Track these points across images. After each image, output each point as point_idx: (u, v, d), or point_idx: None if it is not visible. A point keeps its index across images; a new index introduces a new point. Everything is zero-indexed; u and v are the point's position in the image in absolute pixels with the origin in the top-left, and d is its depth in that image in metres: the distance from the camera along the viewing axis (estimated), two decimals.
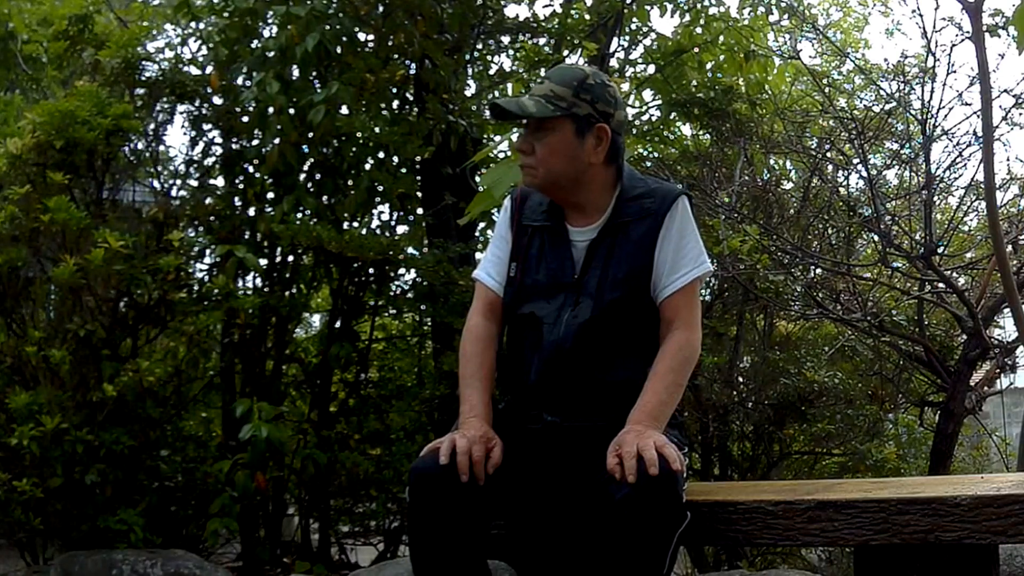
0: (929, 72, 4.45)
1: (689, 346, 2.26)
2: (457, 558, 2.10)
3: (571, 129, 2.27)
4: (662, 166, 5.25)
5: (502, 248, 2.43)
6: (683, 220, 2.32)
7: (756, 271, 4.38)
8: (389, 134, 4.20)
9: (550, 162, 2.27)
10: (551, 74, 2.37)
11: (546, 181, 2.30)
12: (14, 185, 3.74)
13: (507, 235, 2.44)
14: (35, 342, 3.58)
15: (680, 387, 2.25)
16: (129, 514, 3.52)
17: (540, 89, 2.30)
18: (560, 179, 2.30)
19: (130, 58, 4.17)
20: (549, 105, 2.25)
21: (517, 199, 2.46)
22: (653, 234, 2.29)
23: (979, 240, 5.12)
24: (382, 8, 4.37)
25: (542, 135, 2.28)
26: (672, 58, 5.74)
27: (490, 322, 2.40)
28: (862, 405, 5.01)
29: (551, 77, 2.33)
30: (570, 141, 2.27)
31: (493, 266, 2.44)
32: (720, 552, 4.56)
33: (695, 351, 2.29)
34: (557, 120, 2.26)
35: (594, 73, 2.35)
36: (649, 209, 2.30)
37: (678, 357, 2.24)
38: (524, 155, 2.31)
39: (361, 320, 4.55)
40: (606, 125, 2.28)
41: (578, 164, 2.28)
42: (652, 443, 2.01)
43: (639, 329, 2.28)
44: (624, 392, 2.21)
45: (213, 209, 4.16)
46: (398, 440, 4.37)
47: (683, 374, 2.25)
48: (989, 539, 1.89)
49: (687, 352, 2.26)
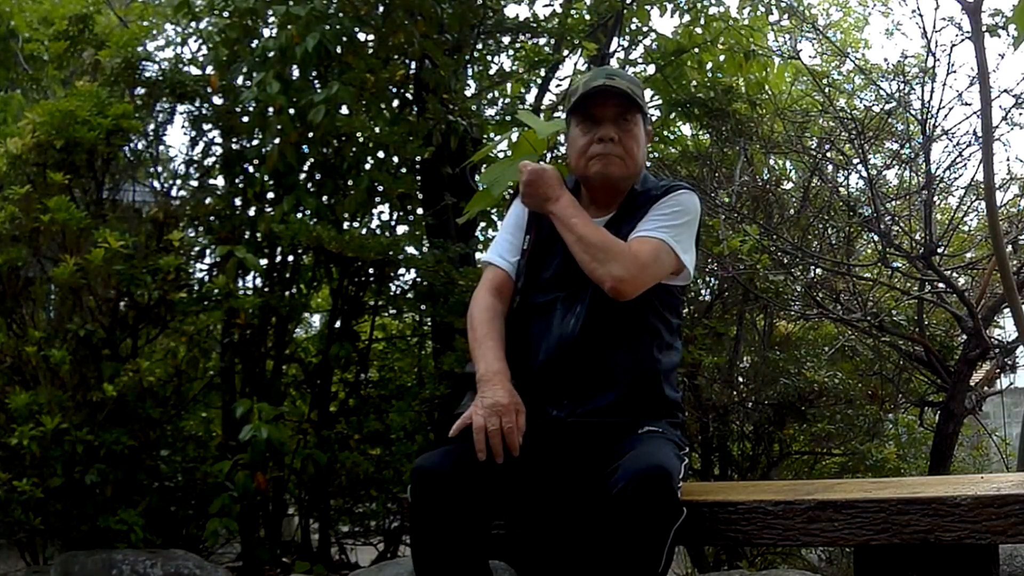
0: (929, 72, 4.45)
1: (620, 259, 2.25)
2: (459, 558, 2.11)
3: (643, 125, 2.42)
4: (662, 166, 5.24)
5: (515, 235, 2.49)
6: (676, 203, 2.38)
7: (756, 271, 4.38)
8: (389, 134, 4.20)
9: (637, 153, 2.40)
10: (617, 72, 2.51)
11: (630, 171, 2.40)
12: (14, 185, 3.75)
13: (521, 223, 2.49)
14: (35, 342, 3.58)
15: (590, 244, 2.26)
16: (129, 514, 3.52)
17: (619, 83, 2.36)
18: (638, 170, 2.42)
19: (130, 58, 4.18)
20: (637, 99, 2.37)
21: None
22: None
23: (979, 240, 5.12)
24: (382, 8, 4.37)
25: (628, 127, 2.38)
26: (672, 58, 5.74)
27: (497, 300, 2.44)
28: (862, 405, 5.01)
29: (620, 75, 2.44)
30: (644, 136, 2.43)
31: (505, 250, 2.49)
32: (720, 552, 4.56)
33: (621, 257, 2.26)
34: (639, 115, 2.39)
35: None
36: (654, 196, 2.39)
37: (608, 241, 2.27)
38: (610, 144, 2.36)
39: (361, 320, 4.55)
40: (651, 128, 2.51)
41: (644, 159, 2.45)
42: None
43: (645, 312, 2.33)
44: (628, 374, 2.27)
45: (213, 209, 4.17)
46: (398, 440, 4.37)
47: (603, 245, 2.26)
48: (989, 539, 1.89)
49: (613, 253, 2.25)
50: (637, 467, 1.99)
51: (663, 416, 2.33)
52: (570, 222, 2.31)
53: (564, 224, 2.32)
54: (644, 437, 2.21)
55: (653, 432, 2.25)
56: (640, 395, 2.29)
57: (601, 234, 2.30)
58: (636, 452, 2.08)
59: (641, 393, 2.29)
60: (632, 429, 2.24)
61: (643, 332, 2.33)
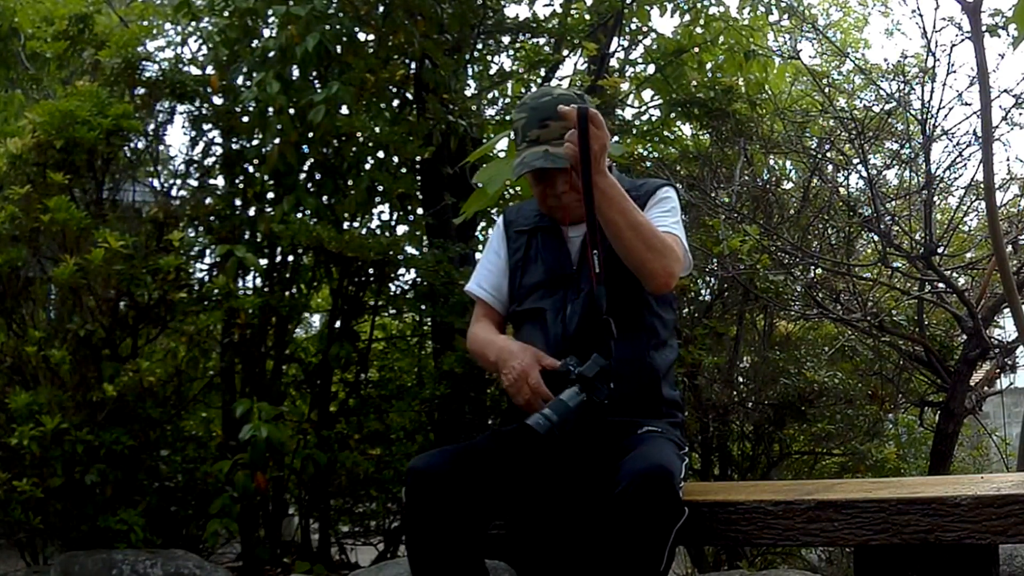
0: (929, 72, 4.44)
1: (672, 254, 2.27)
2: (453, 558, 2.11)
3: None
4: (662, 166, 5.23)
5: (494, 262, 2.53)
6: (666, 200, 2.42)
7: (756, 271, 4.38)
8: (389, 134, 4.20)
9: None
10: (546, 110, 2.35)
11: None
12: (14, 185, 3.74)
13: (500, 250, 2.53)
14: (35, 342, 3.58)
15: (646, 232, 2.22)
16: (129, 514, 3.52)
17: (550, 132, 2.32)
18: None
19: (130, 58, 4.17)
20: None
21: (508, 214, 2.60)
22: None
23: (979, 240, 5.12)
24: (382, 8, 4.37)
25: (570, 170, 2.30)
26: (672, 58, 5.74)
27: (490, 325, 2.49)
28: (862, 405, 5.01)
29: (550, 116, 2.32)
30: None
31: (484, 278, 2.54)
32: (720, 552, 4.56)
33: (675, 255, 2.28)
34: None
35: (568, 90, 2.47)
36: (636, 198, 2.36)
37: (662, 233, 2.27)
38: (565, 195, 2.37)
39: (361, 320, 4.55)
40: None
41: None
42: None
43: (639, 309, 2.35)
44: (628, 370, 2.27)
45: (213, 209, 4.17)
46: (398, 440, 4.38)
47: (659, 236, 2.25)
48: (989, 539, 1.89)
49: (669, 246, 2.27)
50: (638, 467, 2.00)
51: (663, 416, 2.33)
52: (624, 204, 2.18)
53: (615, 206, 2.17)
54: (644, 437, 2.22)
55: (653, 432, 2.25)
56: (639, 394, 2.30)
57: (653, 224, 2.27)
58: (637, 452, 2.09)
59: (640, 392, 2.30)
60: (632, 429, 2.25)
61: (640, 330, 2.34)
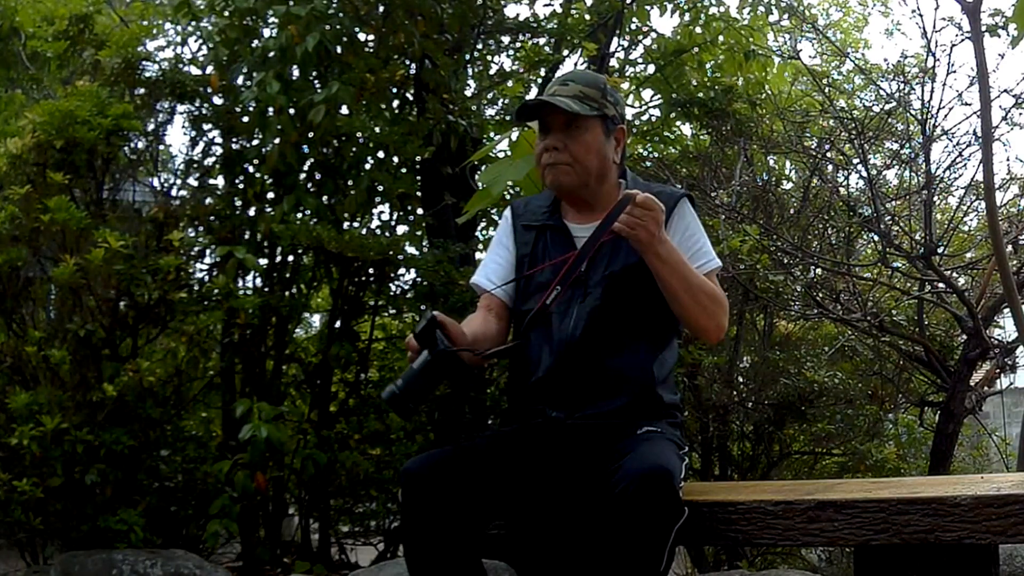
0: (929, 72, 4.45)
1: (723, 309, 2.31)
2: (449, 559, 2.11)
3: (601, 129, 2.36)
4: (662, 166, 5.24)
5: (502, 255, 2.49)
6: (691, 219, 2.40)
7: (756, 271, 4.39)
8: (389, 134, 4.20)
9: (586, 160, 2.35)
10: (575, 76, 2.45)
11: (581, 178, 2.36)
12: (14, 185, 3.75)
13: (507, 242, 2.49)
14: (35, 342, 3.59)
15: (701, 296, 2.25)
16: (129, 514, 3.52)
17: (568, 90, 2.35)
18: (591, 177, 2.37)
19: (130, 58, 4.17)
20: (586, 104, 2.33)
21: (516, 207, 2.53)
22: None
23: (979, 240, 5.12)
24: (382, 8, 4.38)
25: (576, 133, 2.34)
26: (672, 58, 5.74)
27: (489, 317, 2.43)
28: (862, 405, 5.01)
29: (576, 79, 2.40)
30: (601, 140, 2.37)
31: (493, 271, 2.48)
32: (720, 552, 4.56)
33: (724, 308, 2.32)
34: (591, 119, 2.34)
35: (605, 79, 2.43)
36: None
37: (716, 291, 2.31)
38: (556, 152, 2.34)
39: (361, 320, 4.55)
40: (624, 127, 2.42)
41: (606, 163, 2.38)
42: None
43: (647, 316, 2.33)
44: (633, 377, 2.26)
45: (213, 209, 4.17)
46: (398, 440, 4.37)
47: (711, 296, 2.28)
48: (989, 539, 1.89)
49: (720, 302, 2.30)
50: (638, 467, 1.99)
51: (662, 417, 2.33)
52: (682, 269, 2.24)
53: (673, 270, 2.23)
54: (644, 437, 2.22)
55: (652, 432, 2.25)
56: (640, 399, 2.29)
57: (708, 283, 2.29)
58: (637, 452, 2.09)
59: (641, 398, 2.29)
60: (631, 430, 2.25)
61: (642, 336, 2.32)
